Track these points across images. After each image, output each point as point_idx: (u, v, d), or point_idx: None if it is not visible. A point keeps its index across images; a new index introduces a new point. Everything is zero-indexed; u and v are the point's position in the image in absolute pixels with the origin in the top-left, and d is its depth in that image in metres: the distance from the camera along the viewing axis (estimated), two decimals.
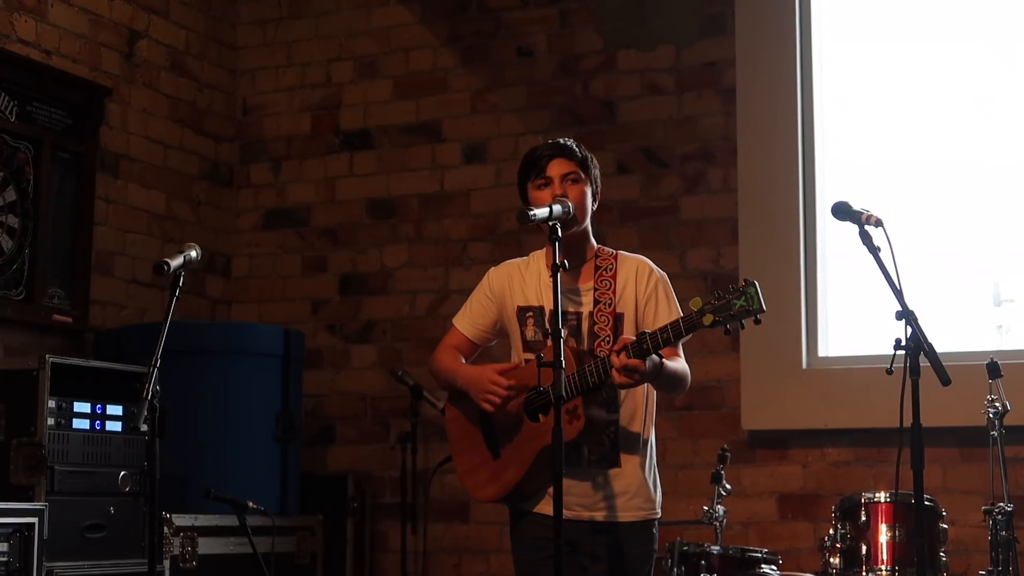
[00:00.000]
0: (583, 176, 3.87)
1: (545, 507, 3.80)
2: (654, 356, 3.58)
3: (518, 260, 4.04)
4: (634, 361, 3.53)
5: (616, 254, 3.93)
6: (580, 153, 3.90)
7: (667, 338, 3.55)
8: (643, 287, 3.86)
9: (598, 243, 3.99)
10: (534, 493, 3.84)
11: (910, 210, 5.83)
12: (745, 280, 3.51)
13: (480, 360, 4.12)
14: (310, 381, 6.43)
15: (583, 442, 3.74)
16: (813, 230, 5.95)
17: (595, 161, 3.96)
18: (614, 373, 3.57)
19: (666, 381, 3.76)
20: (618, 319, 3.81)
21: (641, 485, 3.83)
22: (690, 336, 3.74)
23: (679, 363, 3.80)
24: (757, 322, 3.51)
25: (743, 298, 3.47)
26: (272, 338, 6.03)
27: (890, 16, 6.07)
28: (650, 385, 3.81)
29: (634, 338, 3.59)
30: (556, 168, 3.86)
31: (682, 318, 3.57)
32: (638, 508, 3.83)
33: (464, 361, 4.02)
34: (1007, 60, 5.86)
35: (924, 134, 5.95)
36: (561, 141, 3.93)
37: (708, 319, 3.49)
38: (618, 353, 3.56)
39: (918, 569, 4.20)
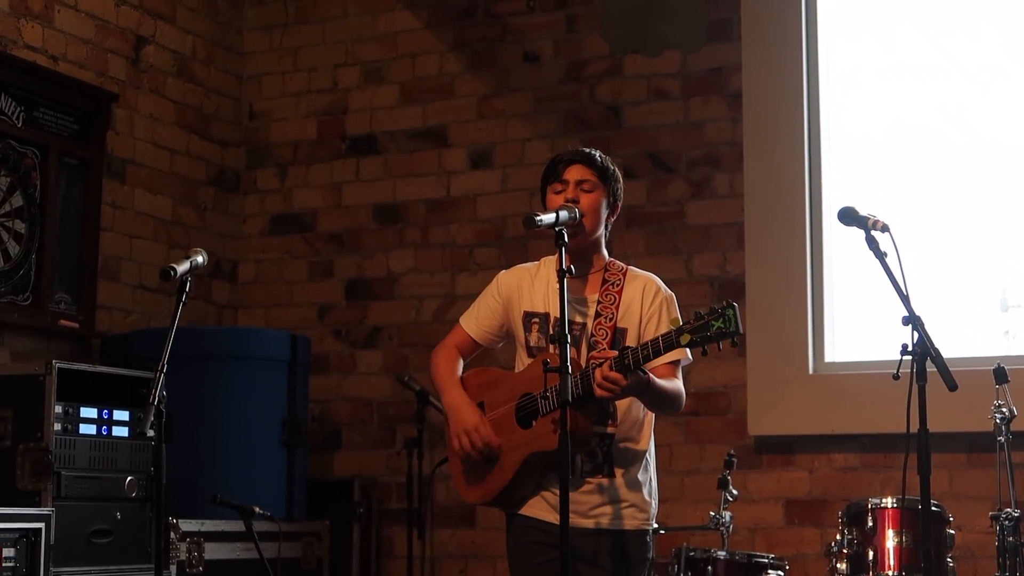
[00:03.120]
0: (600, 186, 3.88)
1: (532, 509, 3.83)
2: (639, 372, 3.59)
3: (529, 264, 4.05)
4: (613, 374, 3.55)
5: (626, 270, 3.93)
6: (601, 163, 3.91)
7: (647, 355, 3.56)
8: (648, 304, 3.87)
9: (610, 256, 3.99)
10: (522, 499, 3.85)
11: (917, 215, 5.82)
12: (725, 301, 3.51)
13: (480, 361, 4.12)
14: (316, 386, 6.43)
15: (574, 451, 3.73)
16: (819, 235, 5.95)
17: (618, 175, 3.96)
18: (595, 385, 3.58)
19: (654, 399, 3.75)
20: (618, 334, 3.82)
21: (636, 495, 3.84)
22: (688, 355, 3.78)
23: (672, 383, 3.79)
24: (734, 344, 3.52)
25: (721, 320, 3.47)
26: (278, 343, 6.03)
27: (896, 22, 6.06)
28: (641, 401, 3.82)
29: (616, 352, 3.61)
30: (573, 173, 3.88)
31: (661, 336, 3.58)
32: (632, 517, 3.83)
33: (463, 361, 4.04)
34: (1015, 66, 5.85)
35: (931, 139, 5.94)
36: (585, 150, 3.96)
37: (685, 339, 3.51)
38: (599, 366, 3.58)
39: (925, 575, 4.19)
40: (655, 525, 3.90)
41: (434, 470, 5.84)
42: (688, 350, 3.78)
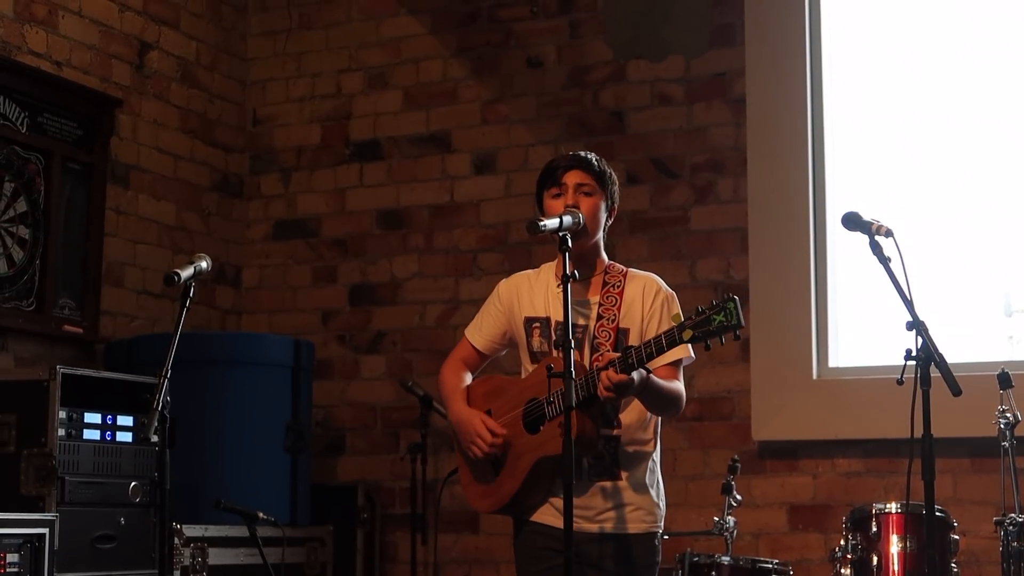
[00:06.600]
0: (598, 189, 3.87)
1: (543, 516, 3.83)
2: (640, 371, 3.58)
3: (528, 271, 4.06)
4: (617, 376, 3.55)
5: (626, 272, 3.93)
6: (598, 167, 3.90)
7: (650, 353, 3.55)
8: (648, 304, 3.87)
9: (609, 258, 3.99)
10: (532, 506, 3.85)
11: (920, 220, 5.82)
12: (726, 295, 3.50)
13: (489, 370, 4.13)
14: (320, 392, 6.43)
15: (581, 454, 3.73)
16: (823, 240, 5.95)
17: (614, 177, 3.95)
18: (600, 387, 3.58)
19: (654, 398, 3.74)
20: (621, 334, 3.81)
21: (643, 498, 3.83)
22: (690, 353, 3.79)
23: (672, 384, 3.79)
24: (737, 337, 3.51)
25: (722, 314, 3.47)
26: (282, 349, 6.03)
27: (900, 26, 6.06)
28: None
29: (619, 353, 3.61)
30: (571, 178, 3.87)
31: (664, 333, 3.57)
32: (640, 520, 3.82)
33: (471, 374, 4.04)
34: (1018, 72, 5.85)
35: (934, 144, 5.94)
36: (581, 154, 3.94)
37: (688, 334, 3.50)
38: (604, 368, 3.57)
39: None
40: (662, 528, 3.89)
41: (444, 482, 5.81)
42: (691, 348, 3.79)
